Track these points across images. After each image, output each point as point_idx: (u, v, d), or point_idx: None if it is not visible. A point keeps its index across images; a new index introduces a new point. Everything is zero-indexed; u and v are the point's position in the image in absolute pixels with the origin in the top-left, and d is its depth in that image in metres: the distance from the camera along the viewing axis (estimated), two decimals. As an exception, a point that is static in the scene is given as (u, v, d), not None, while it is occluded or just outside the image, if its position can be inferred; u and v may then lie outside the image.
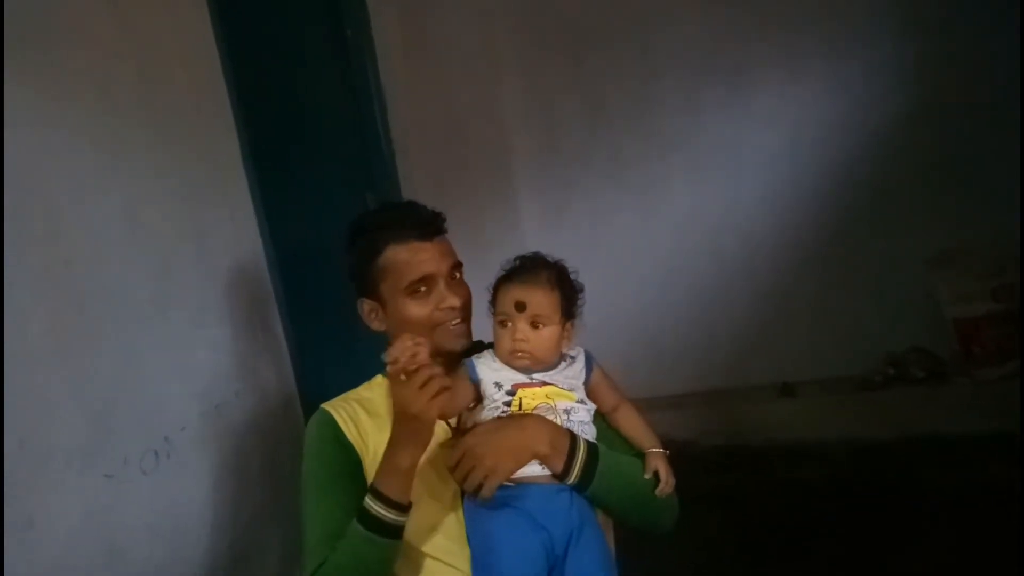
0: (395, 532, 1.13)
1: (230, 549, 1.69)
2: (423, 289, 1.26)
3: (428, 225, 1.29)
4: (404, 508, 1.13)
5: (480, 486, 1.15)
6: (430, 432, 1.13)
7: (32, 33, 1.28)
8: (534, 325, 1.21)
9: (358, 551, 1.13)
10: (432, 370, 1.08)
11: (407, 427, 1.11)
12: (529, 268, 1.25)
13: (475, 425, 1.23)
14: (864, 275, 3.08)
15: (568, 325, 1.25)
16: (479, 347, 1.35)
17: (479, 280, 1.33)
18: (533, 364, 1.22)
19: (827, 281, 3.12)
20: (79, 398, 1.29)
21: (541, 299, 1.21)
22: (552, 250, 1.31)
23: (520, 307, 1.20)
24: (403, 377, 1.08)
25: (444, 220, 1.33)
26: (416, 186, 3.14)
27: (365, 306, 1.33)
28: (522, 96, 3.24)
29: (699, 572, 2.25)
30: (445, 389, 1.09)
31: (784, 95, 3.02)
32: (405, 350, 1.07)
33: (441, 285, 1.27)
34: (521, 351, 1.21)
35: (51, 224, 1.28)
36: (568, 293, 1.25)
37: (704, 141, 3.13)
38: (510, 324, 1.22)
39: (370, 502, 1.12)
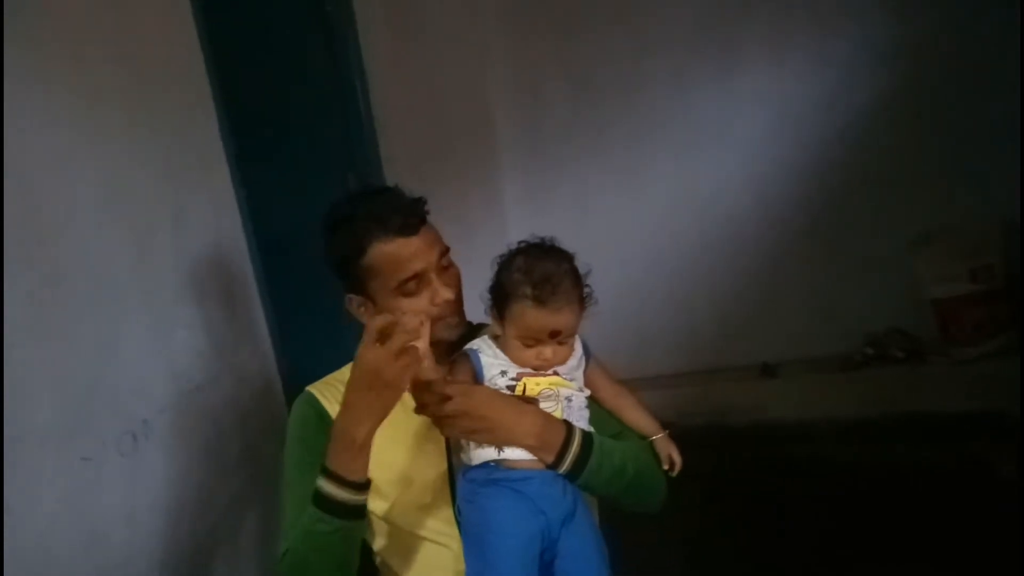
0: (353, 512, 1.08)
1: (210, 532, 1.68)
2: (414, 285, 1.20)
3: (411, 217, 1.20)
4: (361, 487, 1.08)
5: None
6: (393, 402, 1.06)
7: (10, 16, 1.24)
8: (561, 343, 1.17)
9: (314, 534, 1.08)
10: (414, 343, 1.04)
11: (370, 395, 1.04)
12: (556, 288, 1.12)
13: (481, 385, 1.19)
14: (845, 256, 3.10)
15: None
16: (473, 330, 1.32)
17: (463, 260, 1.31)
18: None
19: (809, 261, 3.14)
20: (55, 379, 1.27)
21: (573, 320, 1.15)
22: (536, 230, 1.27)
23: (555, 335, 1.15)
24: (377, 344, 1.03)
25: (426, 205, 1.25)
26: (398, 166, 3.10)
27: (354, 302, 1.26)
28: (507, 75, 3.20)
29: (683, 550, 2.27)
30: (426, 381, 1.07)
31: (770, 74, 3.01)
32: (411, 321, 1.05)
33: (433, 279, 1.21)
34: (548, 366, 1.18)
35: (26, 202, 1.25)
36: (586, 295, 1.18)
37: (691, 121, 3.12)
38: (537, 347, 1.16)
39: (323, 481, 1.07)
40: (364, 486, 1.09)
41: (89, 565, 1.30)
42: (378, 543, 1.29)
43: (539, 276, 1.13)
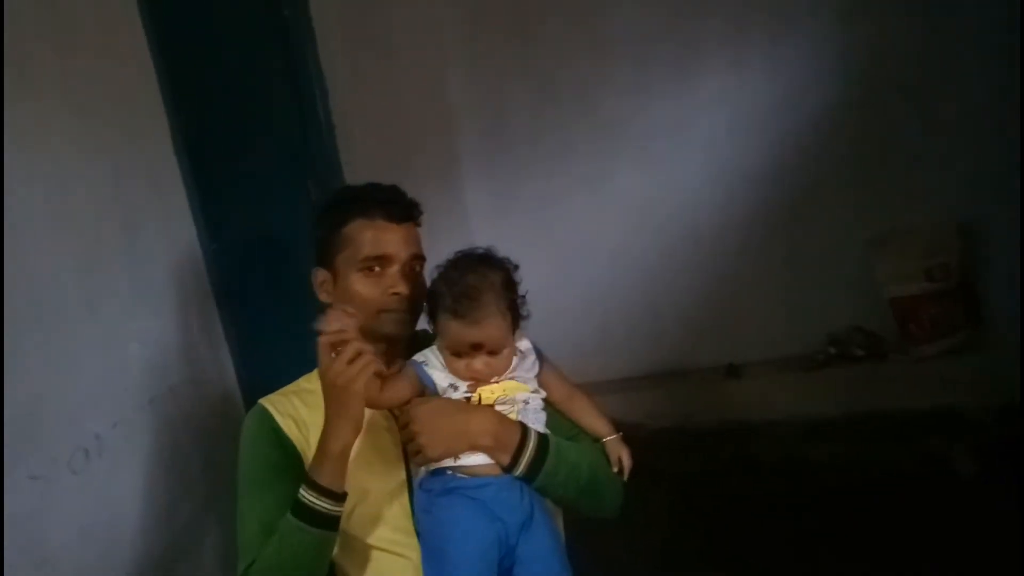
0: (329, 523, 1.11)
1: (168, 550, 1.63)
2: (376, 269, 1.23)
3: (398, 207, 1.27)
4: (338, 497, 1.11)
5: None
6: (359, 409, 1.10)
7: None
8: (491, 354, 1.16)
9: (290, 543, 1.10)
10: (362, 346, 1.07)
11: (335, 405, 1.09)
12: (474, 300, 1.13)
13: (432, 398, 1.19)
14: (805, 257, 3.14)
15: (517, 331, 1.21)
16: (422, 337, 1.32)
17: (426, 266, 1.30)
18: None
19: (770, 263, 3.17)
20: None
21: (495, 333, 1.14)
22: (500, 236, 1.27)
23: (477, 347, 1.14)
24: (333, 354, 1.07)
25: (420, 210, 1.32)
26: (360, 173, 3.05)
27: (318, 275, 1.30)
28: (468, 79, 3.19)
29: (650, 553, 2.27)
30: (378, 373, 1.09)
31: (729, 77, 3.04)
32: (333, 320, 1.07)
33: (395, 269, 1.24)
34: (481, 379, 1.17)
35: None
36: (516, 304, 1.18)
37: (651, 123, 3.13)
38: (464, 358, 1.16)
39: (303, 491, 1.10)
40: (341, 497, 1.12)
41: (39, 589, 1.25)
42: (336, 552, 1.26)
43: (459, 289, 1.14)
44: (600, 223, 3.25)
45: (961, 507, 2.24)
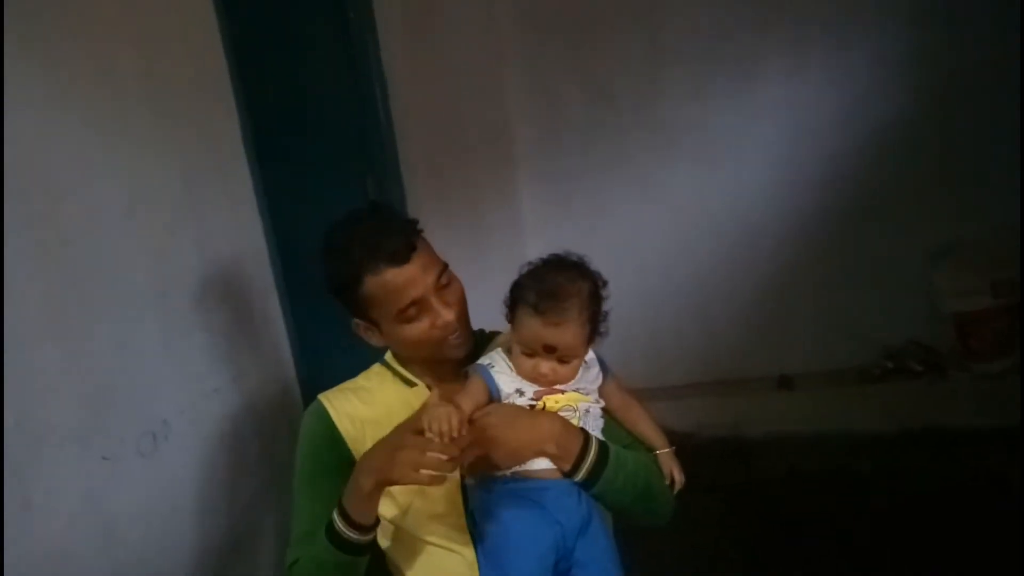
0: (357, 550, 1.14)
1: (226, 533, 1.69)
2: (413, 311, 1.20)
3: (400, 246, 1.18)
4: (366, 529, 1.13)
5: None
6: (400, 483, 1.07)
7: (36, 16, 1.27)
8: (561, 361, 1.15)
9: (323, 559, 1.15)
10: (446, 461, 1.02)
11: (385, 459, 1.06)
12: (558, 302, 1.11)
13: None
14: (864, 268, 3.08)
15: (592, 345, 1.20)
16: (479, 339, 1.33)
17: (478, 267, 1.31)
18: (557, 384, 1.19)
19: (827, 273, 3.12)
20: (76, 379, 1.28)
21: (571, 340, 1.12)
22: (553, 240, 1.26)
23: (549, 350, 1.13)
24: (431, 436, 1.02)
25: (416, 228, 1.24)
26: (417, 172, 3.12)
27: (360, 326, 1.27)
28: (525, 82, 3.21)
29: (697, 562, 2.26)
30: (435, 479, 1.02)
31: (790, 86, 3.00)
32: (441, 420, 1.02)
33: (432, 302, 1.20)
34: (545, 383, 1.17)
35: (51, 205, 1.27)
36: (597, 317, 1.16)
37: (709, 131, 3.11)
38: (535, 358, 1.15)
39: (335, 516, 1.13)
40: (370, 528, 1.14)
41: (106, 563, 1.31)
42: (388, 544, 1.30)
43: (546, 287, 1.12)
44: (654, 229, 3.24)
45: (1017, 528, 2.18)
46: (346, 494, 1.13)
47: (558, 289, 1.11)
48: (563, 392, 1.18)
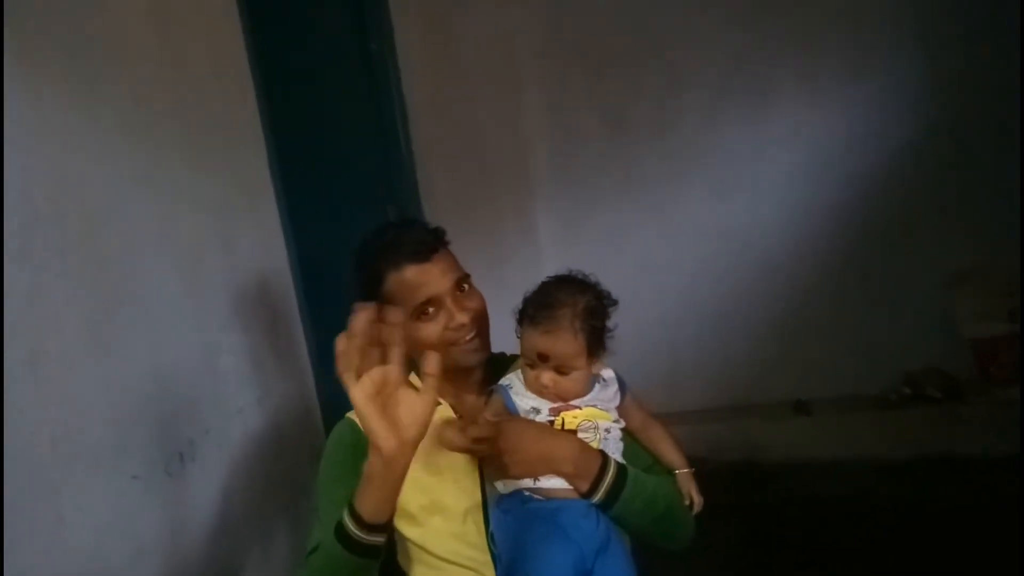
0: (365, 551, 1.06)
1: (248, 552, 1.71)
2: (430, 310, 1.24)
3: (422, 245, 1.24)
4: (375, 528, 1.05)
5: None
6: (371, 426, 1.03)
7: (73, 40, 1.32)
8: (560, 372, 1.18)
9: (332, 558, 1.09)
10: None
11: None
12: (551, 311, 1.16)
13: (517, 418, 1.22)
14: (881, 293, 3.08)
15: (597, 360, 1.22)
16: (500, 361, 1.36)
17: (496, 291, 1.34)
18: (564, 400, 1.22)
19: (844, 299, 3.13)
20: (110, 399, 1.32)
21: (563, 349, 1.16)
22: (570, 264, 1.28)
23: (543, 358, 1.17)
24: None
25: (443, 235, 1.30)
26: (436, 198, 3.18)
27: None
28: (542, 111, 3.27)
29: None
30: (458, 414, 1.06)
31: (804, 114, 3.04)
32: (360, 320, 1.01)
33: (448, 303, 1.24)
34: (548, 394, 1.20)
35: (87, 226, 1.31)
36: (595, 331, 1.19)
37: (724, 158, 3.15)
38: (536, 369, 1.19)
39: (345, 513, 1.07)
40: (378, 528, 1.06)
41: (135, 580, 1.34)
42: (414, 569, 1.32)
43: (541, 298, 1.19)
44: (671, 254, 3.27)
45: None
46: (356, 493, 1.07)
47: (552, 299, 1.18)
48: (580, 408, 1.21)
